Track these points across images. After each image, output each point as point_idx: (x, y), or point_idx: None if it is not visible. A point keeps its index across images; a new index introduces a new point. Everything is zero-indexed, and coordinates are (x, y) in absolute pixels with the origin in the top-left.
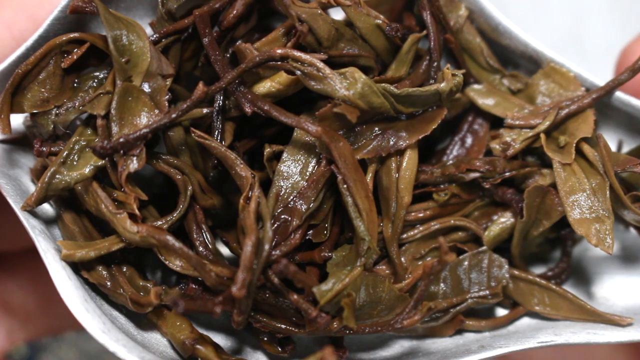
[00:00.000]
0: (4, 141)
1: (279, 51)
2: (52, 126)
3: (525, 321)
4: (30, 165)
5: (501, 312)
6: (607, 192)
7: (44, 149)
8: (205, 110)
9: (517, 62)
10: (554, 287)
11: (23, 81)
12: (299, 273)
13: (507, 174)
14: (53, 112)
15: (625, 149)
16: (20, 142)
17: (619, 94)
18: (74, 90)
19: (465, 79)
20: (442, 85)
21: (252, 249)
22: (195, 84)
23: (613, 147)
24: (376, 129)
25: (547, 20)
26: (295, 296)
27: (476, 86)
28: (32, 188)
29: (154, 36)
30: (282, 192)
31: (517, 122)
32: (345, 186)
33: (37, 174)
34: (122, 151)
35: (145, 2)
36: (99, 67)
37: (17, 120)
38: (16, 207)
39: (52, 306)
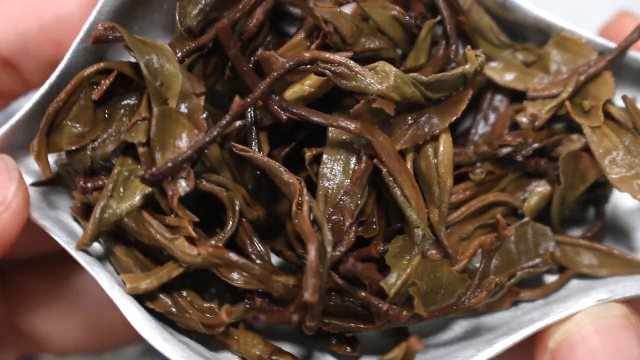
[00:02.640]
0: (39, 183)
1: (307, 54)
2: (90, 161)
3: (575, 283)
4: (65, 203)
5: (549, 279)
6: None
7: (88, 185)
8: (238, 123)
9: (526, 35)
10: (598, 246)
11: (56, 119)
12: (366, 269)
13: (537, 144)
14: (89, 146)
15: None
16: (52, 182)
17: (629, 53)
18: (106, 122)
19: None
20: (467, 66)
21: (317, 252)
22: (218, 100)
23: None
24: (409, 118)
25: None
26: (364, 293)
27: (492, 64)
28: (75, 226)
29: (178, 55)
30: (329, 193)
31: (539, 94)
32: (391, 178)
33: (78, 212)
34: (170, 176)
35: (157, 24)
36: (125, 94)
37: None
38: (69, 248)
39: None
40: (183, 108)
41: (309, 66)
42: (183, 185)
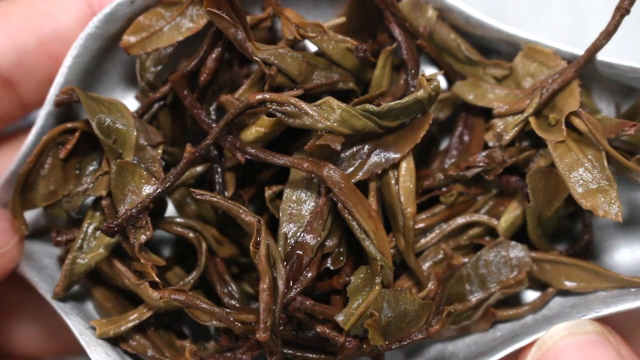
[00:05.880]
0: (31, 236)
1: (257, 97)
2: (65, 215)
3: (558, 301)
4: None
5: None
6: (605, 162)
7: (60, 238)
8: (199, 168)
9: (497, 49)
10: (578, 262)
11: (28, 179)
12: (316, 306)
13: (507, 162)
14: (63, 201)
15: (624, 108)
16: (43, 233)
17: (601, 60)
18: (77, 177)
19: (451, 77)
20: (420, 92)
21: (268, 291)
22: (195, 142)
23: (611, 111)
24: (366, 148)
25: (547, 22)
26: (320, 327)
27: (459, 82)
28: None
29: (138, 109)
30: (290, 230)
31: (504, 110)
32: (346, 211)
33: (63, 261)
34: (130, 225)
35: (128, 76)
36: (94, 150)
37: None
38: (48, 297)
39: None
40: (139, 160)
41: (260, 107)
42: (141, 234)
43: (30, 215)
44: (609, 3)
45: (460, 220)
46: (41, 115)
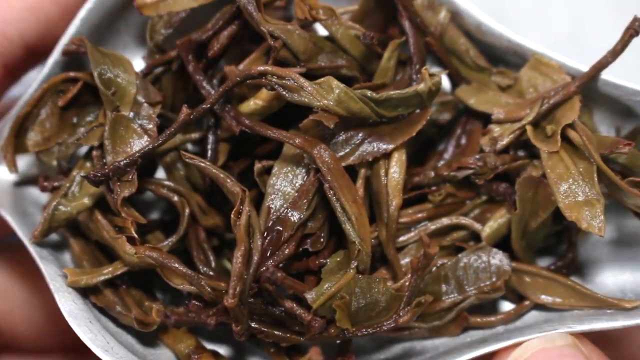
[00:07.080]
0: (22, 183)
1: (258, 68)
2: (55, 162)
3: (533, 314)
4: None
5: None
6: (594, 175)
7: (47, 183)
8: (195, 135)
9: (505, 58)
10: (557, 277)
11: (24, 123)
12: (287, 279)
13: (499, 168)
14: (55, 149)
15: (624, 133)
16: (34, 181)
17: (606, 79)
18: (74, 127)
19: (456, 80)
20: (421, 86)
21: (242, 259)
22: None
23: (611, 135)
24: (360, 134)
25: (548, 22)
26: (289, 302)
27: (462, 86)
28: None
29: (143, 69)
30: (273, 204)
31: (503, 117)
32: (331, 192)
33: None
34: (115, 177)
35: (136, 40)
36: (94, 102)
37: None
38: (25, 240)
39: None
40: (135, 116)
41: (261, 80)
42: (126, 189)
43: (22, 163)
44: (610, 3)
45: (446, 221)
46: (48, 64)
